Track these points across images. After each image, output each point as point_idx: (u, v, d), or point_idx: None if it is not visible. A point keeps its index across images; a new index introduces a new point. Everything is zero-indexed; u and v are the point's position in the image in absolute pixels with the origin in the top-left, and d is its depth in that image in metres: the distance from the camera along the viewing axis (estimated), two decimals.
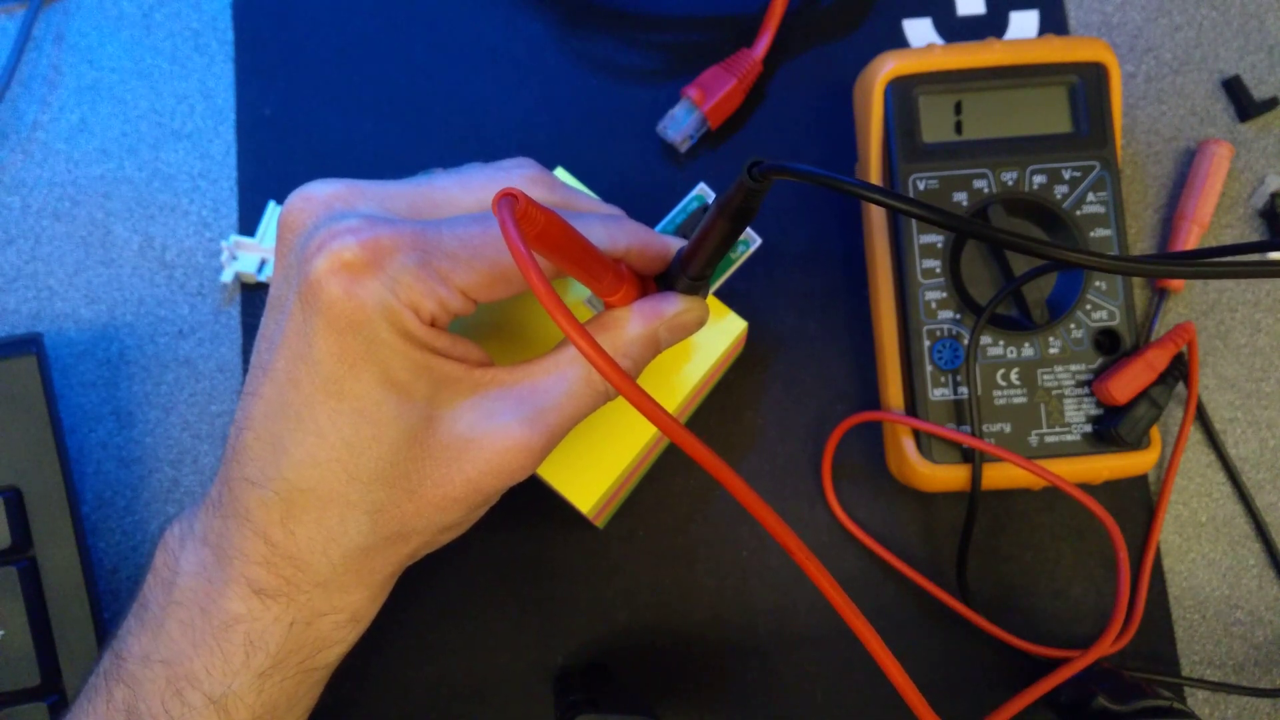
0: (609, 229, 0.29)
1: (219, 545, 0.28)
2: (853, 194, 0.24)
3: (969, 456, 0.37)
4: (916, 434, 0.38)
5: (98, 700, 0.28)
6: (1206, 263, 0.24)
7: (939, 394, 0.38)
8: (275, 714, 0.28)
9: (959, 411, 0.38)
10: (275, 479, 0.27)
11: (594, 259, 0.27)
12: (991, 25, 0.44)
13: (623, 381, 0.22)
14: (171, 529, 0.29)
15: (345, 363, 0.26)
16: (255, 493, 0.27)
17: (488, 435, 0.28)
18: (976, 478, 0.37)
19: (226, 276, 0.41)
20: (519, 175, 0.31)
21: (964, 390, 0.38)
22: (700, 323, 0.31)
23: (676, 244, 0.31)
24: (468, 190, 0.30)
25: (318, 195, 0.28)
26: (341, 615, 0.28)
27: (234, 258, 0.41)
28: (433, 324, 0.27)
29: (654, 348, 0.30)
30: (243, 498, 0.27)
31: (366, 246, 0.26)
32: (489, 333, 0.33)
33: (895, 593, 0.40)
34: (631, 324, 0.30)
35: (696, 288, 0.31)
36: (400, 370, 0.26)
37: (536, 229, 0.24)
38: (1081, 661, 0.35)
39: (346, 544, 0.27)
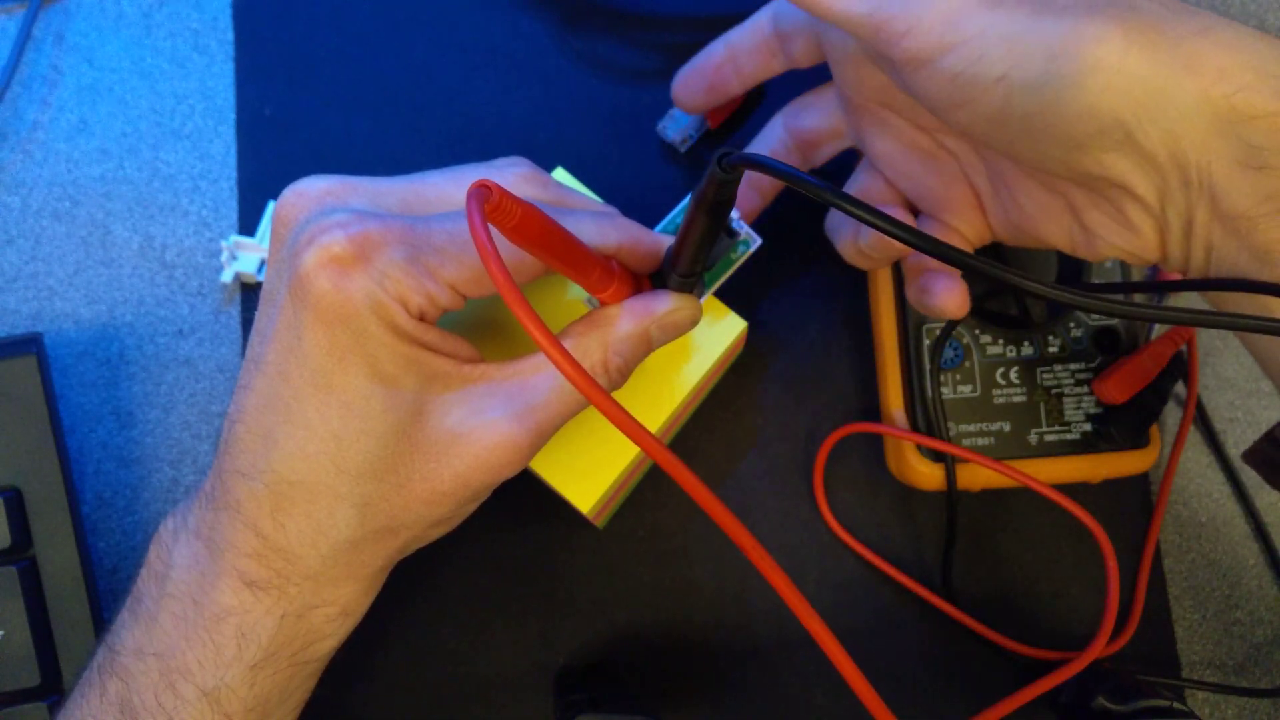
0: (600, 225, 0.29)
1: (211, 538, 0.28)
2: (813, 195, 0.24)
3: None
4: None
5: (91, 694, 0.28)
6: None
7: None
8: (268, 706, 0.28)
9: (959, 410, 0.38)
10: (265, 471, 0.27)
11: (580, 254, 0.27)
12: None
13: (554, 352, 0.22)
14: (165, 523, 0.30)
15: (334, 356, 0.26)
16: (245, 485, 0.27)
17: (476, 431, 0.28)
18: (951, 481, 0.37)
19: (226, 276, 0.41)
20: (511, 173, 0.31)
21: (964, 389, 0.38)
22: (693, 322, 0.31)
23: (669, 241, 0.31)
24: (459, 186, 0.30)
25: (310, 190, 0.28)
26: (332, 608, 0.28)
27: (234, 258, 0.41)
28: (421, 318, 0.27)
29: (645, 346, 0.30)
30: (234, 490, 0.27)
31: (355, 240, 0.26)
32: (480, 329, 0.33)
33: (892, 596, 0.40)
34: (622, 322, 0.30)
35: (688, 285, 0.31)
36: (388, 364, 0.27)
37: (512, 221, 0.24)
38: (1076, 664, 0.35)
39: (335, 537, 0.27)
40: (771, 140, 0.38)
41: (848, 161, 0.38)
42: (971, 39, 0.26)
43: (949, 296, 0.33)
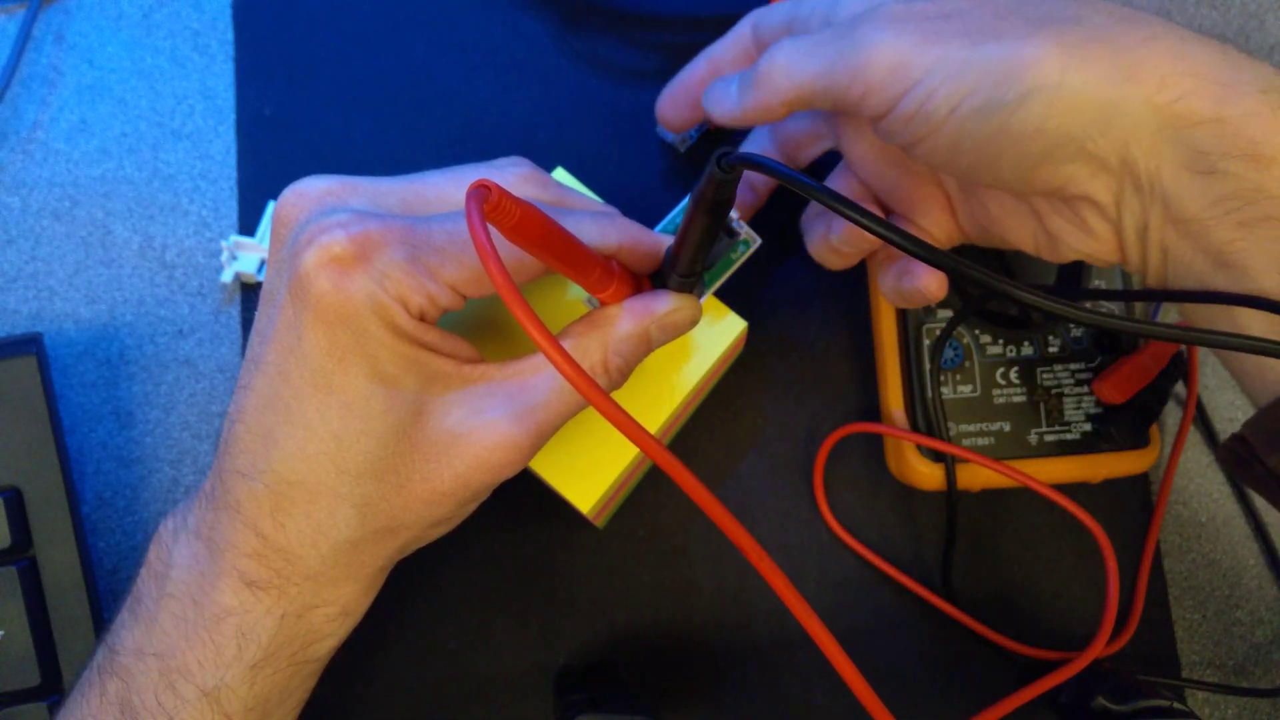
0: (600, 225, 0.29)
1: (211, 538, 0.28)
2: (811, 197, 0.24)
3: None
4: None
5: (91, 694, 0.28)
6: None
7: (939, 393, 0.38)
8: (268, 706, 0.28)
9: (959, 410, 0.38)
10: (265, 471, 0.27)
11: (579, 254, 0.27)
12: None
13: (551, 348, 0.22)
14: (165, 523, 0.30)
15: (334, 356, 0.26)
16: (245, 485, 0.27)
17: (476, 431, 0.28)
18: (951, 481, 0.38)
19: (226, 276, 0.41)
20: (511, 173, 0.31)
21: (964, 389, 0.38)
22: (692, 322, 0.31)
23: (669, 241, 0.31)
24: (459, 186, 0.30)
25: (310, 190, 0.28)
26: (332, 608, 0.28)
27: (234, 258, 0.41)
28: (421, 318, 0.27)
29: (645, 346, 0.30)
30: (234, 490, 0.27)
31: (355, 240, 0.26)
32: (480, 329, 0.33)
33: (892, 596, 0.40)
34: (622, 322, 0.30)
35: (688, 285, 0.31)
36: (388, 364, 0.27)
37: (512, 221, 0.24)
38: (1076, 664, 0.35)
39: (335, 537, 0.27)
40: (761, 141, 0.39)
41: (832, 160, 0.38)
42: (920, 80, 0.27)
43: (932, 277, 0.34)
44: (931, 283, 0.33)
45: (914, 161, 0.34)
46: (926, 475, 0.38)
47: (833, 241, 0.35)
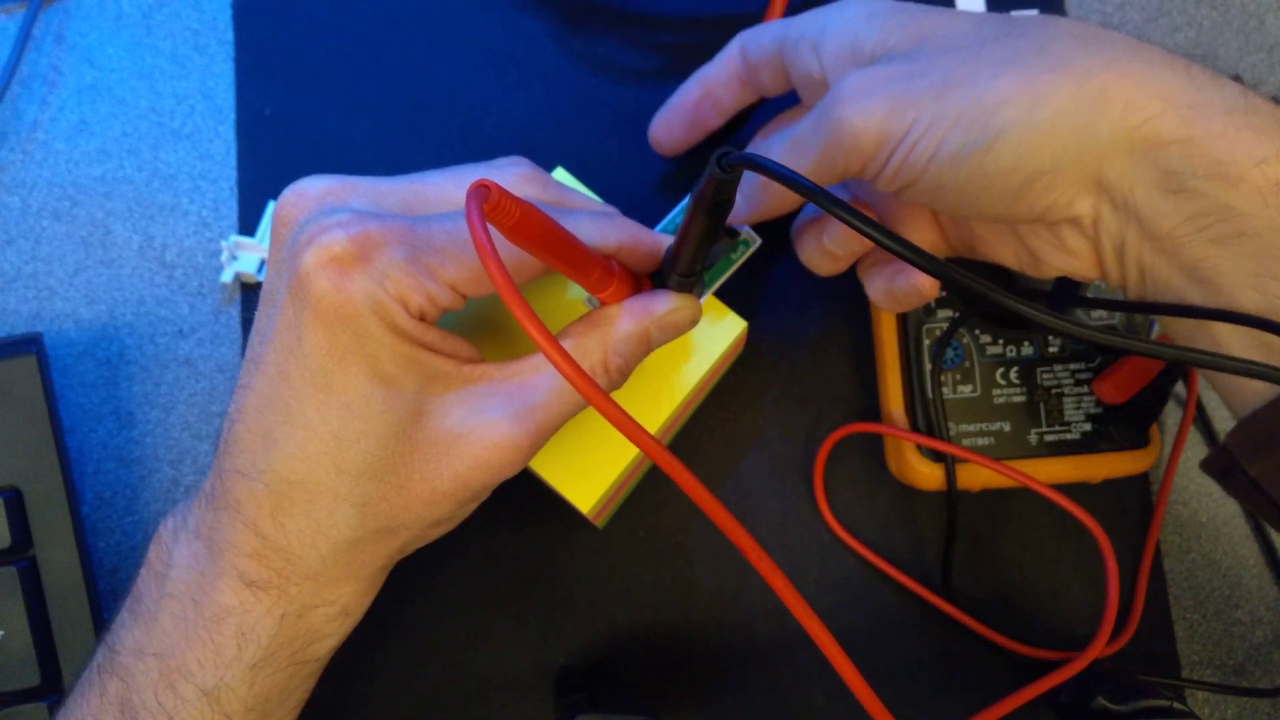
0: (599, 225, 0.30)
1: (210, 538, 0.28)
2: (809, 198, 0.24)
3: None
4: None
5: (91, 693, 0.28)
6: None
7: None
8: (267, 706, 0.28)
9: (959, 410, 0.38)
10: (265, 471, 0.27)
11: (579, 254, 0.27)
12: None
13: (551, 347, 0.22)
14: (165, 522, 0.30)
15: (334, 356, 0.26)
16: (245, 485, 0.27)
17: (476, 431, 0.28)
18: (951, 481, 0.38)
19: (226, 276, 0.41)
20: (511, 173, 0.31)
21: (964, 389, 0.38)
22: (692, 322, 0.31)
23: (669, 241, 0.31)
24: (459, 186, 0.30)
25: (310, 190, 0.28)
26: (332, 608, 0.28)
27: (234, 258, 0.41)
28: (421, 318, 0.27)
29: (645, 346, 0.30)
30: (234, 490, 0.27)
31: (355, 240, 0.26)
32: (480, 329, 0.33)
33: (892, 596, 0.40)
34: (622, 321, 0.30)
35: (688, 285, 0.31)
36: (388, 364, 0.27)
37: (511, 220, 0.24)
38: (1076, 664, 0.35)
39: (335, 537, 0.27)
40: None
41: None
42: (902, 140, 0.28)
43: (925, 276, 0.34)
44: (925, 281, 0.34)
45: None
46: (926, 475, 0.38)
47: (826, 244, 0.35)
